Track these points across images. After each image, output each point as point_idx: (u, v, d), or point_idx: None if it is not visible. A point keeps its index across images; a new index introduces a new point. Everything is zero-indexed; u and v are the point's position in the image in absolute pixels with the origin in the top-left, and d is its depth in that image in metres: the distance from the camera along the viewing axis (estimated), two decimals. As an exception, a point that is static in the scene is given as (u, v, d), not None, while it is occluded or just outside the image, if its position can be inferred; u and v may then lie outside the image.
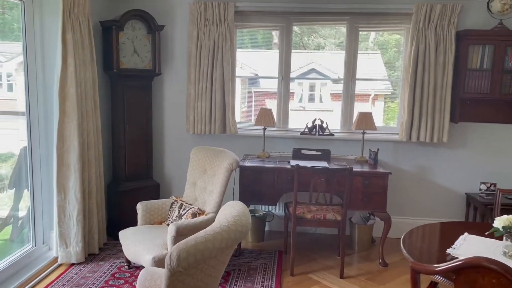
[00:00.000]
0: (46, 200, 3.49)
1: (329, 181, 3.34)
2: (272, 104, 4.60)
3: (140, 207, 3.43)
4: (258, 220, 4.09)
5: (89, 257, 3.57)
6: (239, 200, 3.73)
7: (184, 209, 3.33)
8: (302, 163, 3.68)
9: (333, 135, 4.24)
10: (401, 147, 4.25)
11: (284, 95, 4.43)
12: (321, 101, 6.93)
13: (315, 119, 4.30)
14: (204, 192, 3.45)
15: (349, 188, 3.35)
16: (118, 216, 4.00)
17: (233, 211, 1.80)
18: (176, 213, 3.37)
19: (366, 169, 3.72)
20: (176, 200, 3.49)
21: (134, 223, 3.48)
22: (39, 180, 3.44)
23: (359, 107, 4.47)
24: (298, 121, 4.52)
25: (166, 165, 4.49)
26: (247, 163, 3.84)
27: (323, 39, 6.17)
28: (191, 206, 3.32)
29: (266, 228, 4.29)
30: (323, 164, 3.76)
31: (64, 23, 3.19)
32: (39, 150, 3.42)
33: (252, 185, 3.72)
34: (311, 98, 6.95)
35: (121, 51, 3.85)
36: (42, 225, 3.51)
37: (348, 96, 4.37)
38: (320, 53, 6.08)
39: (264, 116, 4.03)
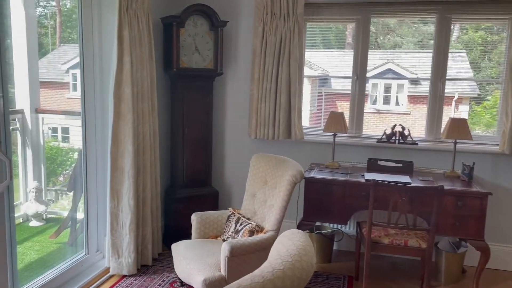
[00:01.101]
0: (101, 205, 3.32)
1: (413, 201, 2.78)
2: (344, 107, 4.10)
3: (194, 218, 3.14)
4: (325, 238, 3.61)
5: (142, 269, 3.35)
6: (304, 216, 3.31)
7: (241, 224, 2.98)
8: (379, 176, 3.16)
9: (417, 144, 3.64)
10: (503, 161, 3.52)
11: (359, 97, 3.90)
12: (397, 103, 6.27)
13: (395, 125, 3.73)
14: (264, 206, 3.07)
15: (438, 210, 2.77)
16: (175, 224, 3.77)
17: (291, 247, 1.39)
18: (232, 228, 3.02)
19: (458, 186, 3.10)
20: (233, 213, 3.15)
21: (190, 233, 3.19)
22: (94, 184, 3.28)
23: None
24: (371, 125, 3.99)
25: (226, 171, 4.18)
26: (314, 174, 3.39)
27: (401, 37, 5.57)
28: (249, 222, 2.96)
29: (334, 247, 3.80)
30: (404, 179, 3.19)
31: (120, 19, 2.98)
32: (95, 153, 3.26)
33: (318, 199, 3.27)
34: (386, 100, 6.31)
35: (181, 49, 3.60)
36: (96, 231, 3.36)
37: (436, 99, 3.73)
38: (398, 52, 5.48)
39: (335, 121, 3.55)
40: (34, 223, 4.31)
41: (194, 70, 3.70)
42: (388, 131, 3.75)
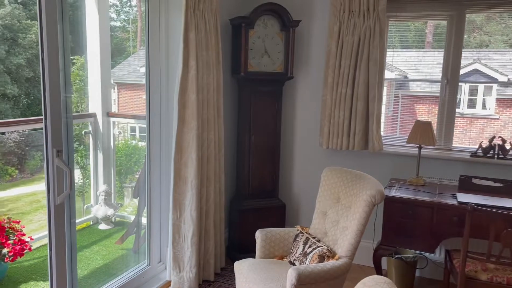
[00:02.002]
0: (164, 215, 3.20)
1: (521, 233, 2.29)
2: (424, 111, 3.64)
3: (259, 236, 2.88)
4: (406, 264, 3.17)
5: (204, 284, 3.18)
6: (382, 239, 2.91)
7: (310, 246, 2.67)
8: (475, 199, 2.68)
9: (521, 160, 3.08)
10: None
11: (449, 104, 3.41)
12: (484, 107, 5.60)
13: (493, 137, 3.20)
14: (336, 227, 2.73)
15: (555, 246, 2.24)
16: (239, 236, 3.56)
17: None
18: (300, 249, 2.72)
19: None
20: (301, 232, 2.85)
21: (255, 246, 2.95)
22: (158, 193, 3.16)
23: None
24: (456, 132, 3.48)
25: (294, 183, 3.89)
26: (395, 192, 2.98)
27: (488, 35, 5.01)
28: (319, 244, 2.64)
29: (417, 274, 3.34)
30: (508, 203, 2.67)
31: (187, 20, 2.82)
32: (160, 160, 3.14)
33: (400, 222, 2.86)
34: (471, 104, 5.63)
35: (250, 52, 3.38)
36: (159, 241, 3.24)
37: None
38: (485, 51, 4.87)
39: (421, 132, 3.10)
40: (103, 226, 4.35)
41: (263, 74, 3.46)
42: (485, 144, 3.23)
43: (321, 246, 2.61)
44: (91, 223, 4.40)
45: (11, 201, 5.48)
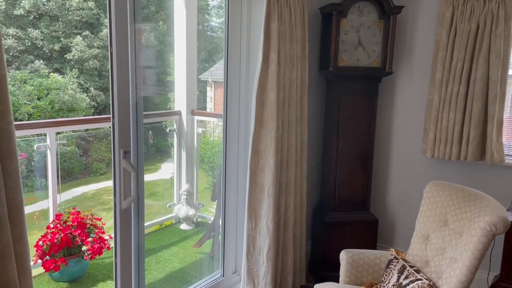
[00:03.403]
0: (240, 224, 2.94)
1: None
2: None
3: (344, 257, 2.47)
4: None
5: (279, 303, 2.86)
6: (501, 274, 2.31)
7: (406, 277, 2.19)
8: None
9: None
10: None
11: None
12: None
13: None
14: (441, 257, 2.20)
15: None
16: (322, 252, 3.18)
17: None
18: (394, 279, 2.25)
19: None
20: (396, 257, 2.37)
21: (339, 264, 2.54)
22: (234, 199, 2.92)
23: None
24: None
25: (390, 195, 3.37)
26: (523, 217, 2.34)
27: None
28: (418, 276, 2.14)
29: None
30: None
31: (269, 9, 2.51)
32: (237, 164, 2.89)
33: (530, 256, 2.23)
34: None
35: (341, 44, 2.97)
36: (235, 251, 3.00)
37: None
38: None
39: (563, 142, 2.41)
40: (184, 226, 4.28)
41: (356, 69, 3.02)
42: None
43: (421, 280, 2.11)
44: (174, 222, 4.36)
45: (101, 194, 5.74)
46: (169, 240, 4.00)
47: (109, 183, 5.74)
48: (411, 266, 2.27)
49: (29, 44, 7.31)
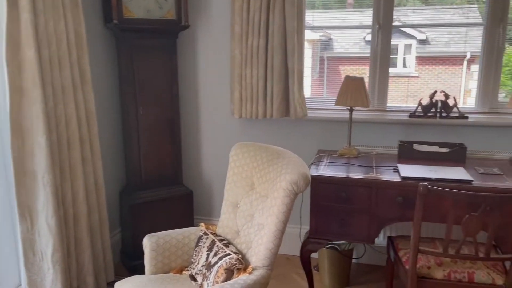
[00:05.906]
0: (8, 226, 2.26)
1: (486, 214, 1.72)
2: (348, 72, 3.05)
3: (148, 243, 2.09)
4: (341, 256, 2.58)
5: (80, 311, 2.34)
6: (311, 232, 2.26)
7: (215, 254, 1.93)
8: (420, 170, 2.13)
9: (467, 118, 2.58)
10: None
11: (382, 55, 2.80)
12: (404, 65, 5.32)
13: (435, 92, 2.66)
14: (250, 224, 2.01)
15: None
16: (132, 238, 2.75)
17: None
18: (203, 259, 1.98)
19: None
20: (205, 233, 2.10)
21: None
22: (5, 194, 2.21)
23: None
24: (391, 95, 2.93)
25: (203, 164, 3.11)
26: (324, 170, 2.31)
27: None
28: (227, 251, 1.91)
29: (354, 261, 2.78)
30: (459, 173, 2.13)
31: None
32: (2, 149, 2.18)
33: (332, 208, 2.21)
34: (392, 64, 5.33)
35: (125, -8, 2.47)
36: (16, 259, 2.32)
37: (493, 52, 2.62)
38: (404, 9, 4.40)
39: (353, 90, 2.44)
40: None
41: (147, 21, 2.57)
42: (425, 101, 2.68)
43: (229, 255, 1.87)
44: None
45: None
46: None
47: None
48: (220, 240, 2.02)
49: None
